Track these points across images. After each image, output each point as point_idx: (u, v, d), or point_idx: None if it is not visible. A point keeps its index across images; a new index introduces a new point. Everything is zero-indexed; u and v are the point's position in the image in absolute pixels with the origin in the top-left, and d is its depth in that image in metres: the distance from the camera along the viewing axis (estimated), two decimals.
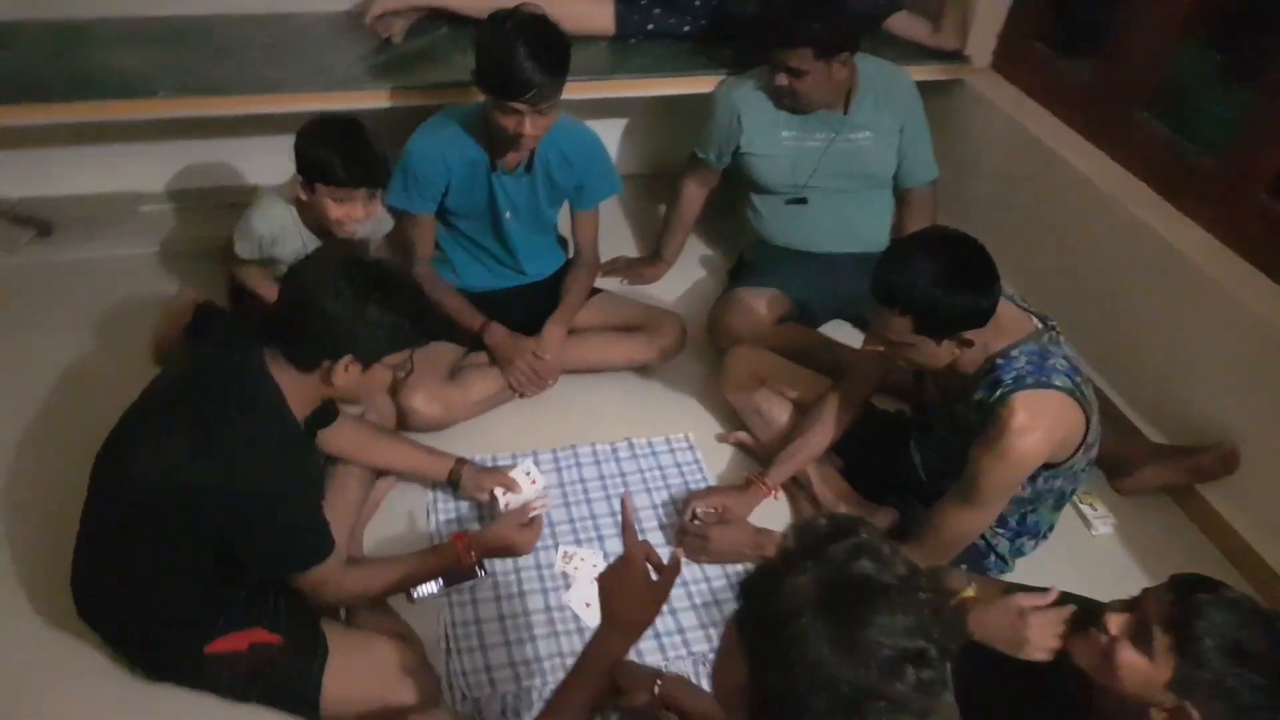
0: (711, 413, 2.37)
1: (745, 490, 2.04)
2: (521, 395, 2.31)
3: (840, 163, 2.47)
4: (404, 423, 2.15)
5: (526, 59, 1.90)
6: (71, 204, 2.77)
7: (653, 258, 2.82)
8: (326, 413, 1.81)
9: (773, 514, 2.07)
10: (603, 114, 3.12)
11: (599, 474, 2.18)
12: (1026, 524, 1.90)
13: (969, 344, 1.63)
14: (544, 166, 2.22)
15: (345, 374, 1.52)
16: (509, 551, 1.86)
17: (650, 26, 2.74)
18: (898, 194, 2.62)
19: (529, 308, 2.36)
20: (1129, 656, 1.17)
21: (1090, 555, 2.11)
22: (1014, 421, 1.59)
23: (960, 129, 2.93)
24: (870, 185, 2.56)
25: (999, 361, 1.66)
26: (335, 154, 1.98)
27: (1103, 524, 2.17)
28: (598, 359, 2.38)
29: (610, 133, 3.23)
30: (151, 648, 1.64)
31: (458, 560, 1.78)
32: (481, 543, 1.82)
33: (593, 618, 1.81)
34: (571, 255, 2.46)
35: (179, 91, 2.28)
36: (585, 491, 2.14)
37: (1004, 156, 2.79)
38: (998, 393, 1.63)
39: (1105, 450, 2.22)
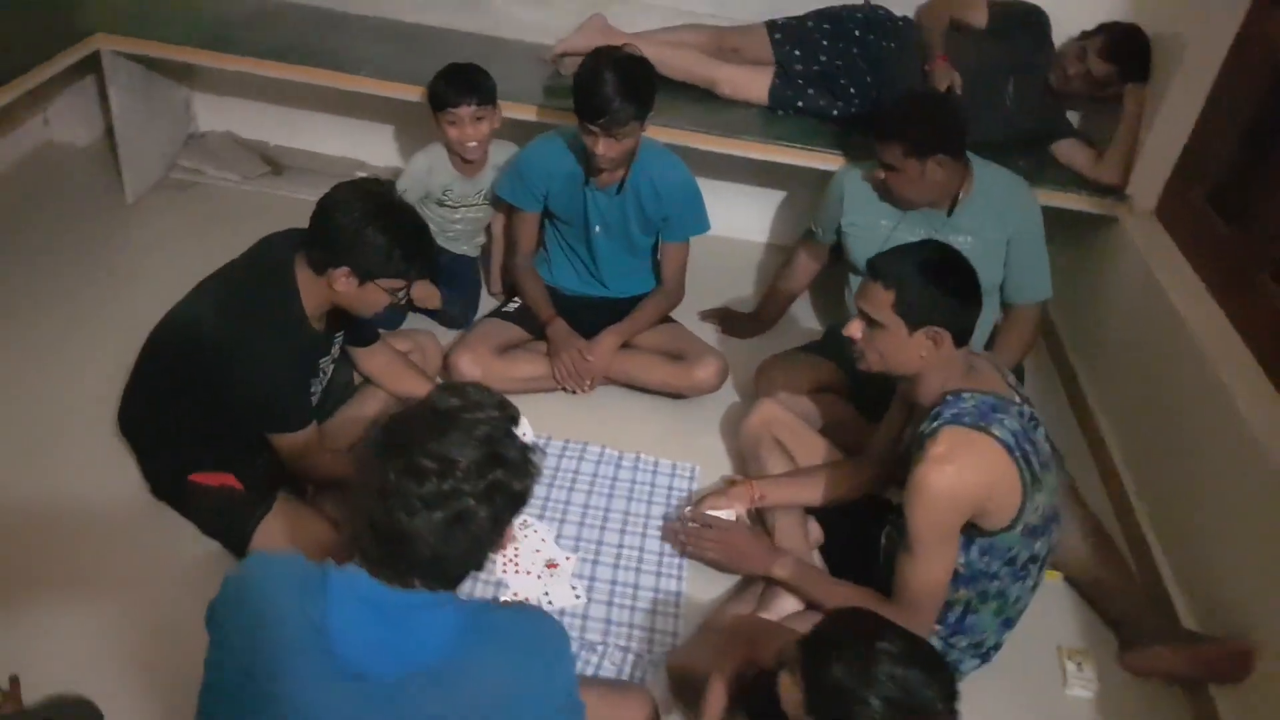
0: (731, 457, 2.43)
1: (728, 490, 2.11)
2: (563, 389, 2.51)
3: None
4: (447, 379, 2.42)
5: (608, 87, 2.15)
6: (304, 157, 3.39)
7: (751, 315, 2.93)
8: (362, 332, 2.13)
9: None
10: (764, 183, 3.32)
11: (594, 472, 2.32)
12: (964, 625, 1.79)
13: (935, 345, 1.65)
14: (634, 192, 2.44)
15: (344, 283, 1.81)
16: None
17: (800, 103, 2.90)
18: (1004, 306, 2.55)
19: (603, 320, 2.56)
20: (784, 679, 1.27)
21: (1053, 715, 1.93)
22: (933, 451, 1.58)
23: (1103, 266, 2.80)
24: None
25: (949, 397, 1.66)
26: (442, 79, 2.46)
27: (1081, 687, 1.96)
28: (637, 375, 2.53)
29: (767, 203, 3.40)
30: (157, 464, 2.00)
31: None
32: None
33: (511, 580, 1.97)
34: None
35: (379, 74, 2.76)
36: (573, 481, 2.28)
37: (1135, 306, 2.61)
38: (933, 425, 1.63)
39: (1123, 615, 2.07)
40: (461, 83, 2.47)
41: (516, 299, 2.64)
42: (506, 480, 1.12)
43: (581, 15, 2.90)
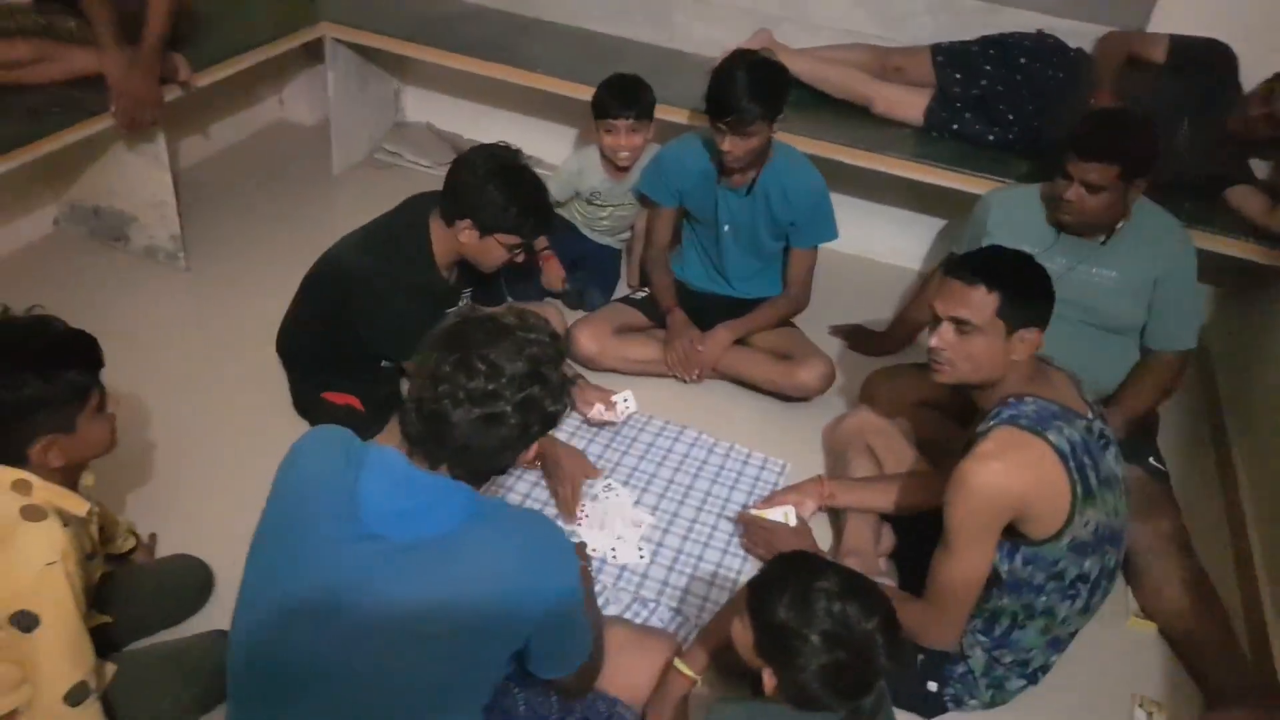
0: (827, 461, 2.46)
1: (801, 485, 2.16)
2: (674, 376, 2.63)
3: (1075, 292, 2.35)
4: (570, 349, 2.60)
5: (737, 86, 2.27)
6: None
7: (881, 335, 2.92)
8: (490, 292, 2.34)
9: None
10: (920, 208, 3.31)
11: (686, 453, 2.42)
12: (1010, 639, 1.74)
13: (1028, 345, 1.66)
14: (764, 193, 2.53)
15: (467, 235, 2.03)
16: (552, 460, 2.17)
17: (955, 126, 2.89)
18: (1144, 350, 2.42)
19: (726, 318, 2.65)
20: (735, 625, 1.35)
21: None
22: (981, 447, 1.59)
23: (1260, 324, 2.60)
24: (1104, 326, 2.39)
25: (1010, 399, 1.65)
26: (605, 89, 2.65)
27: None
28: (744, 371, 2.61)
29: (924, 230, 3.38)
30: (298, 382, 2.29)
31: None
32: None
33: (584, 532, 2.11)
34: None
35: (560, 73, 3.01)
36: (664, 457, 2.39)
37: None
38: (989, 424, 1.63)
39: (1215, 675, 1.95)
40: (622, 95, 2.65)
41: (646, 289, 2.79)
42: (541, 398, 1.26)
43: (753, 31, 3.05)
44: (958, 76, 2.90)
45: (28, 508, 1.31)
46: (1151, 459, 2.31)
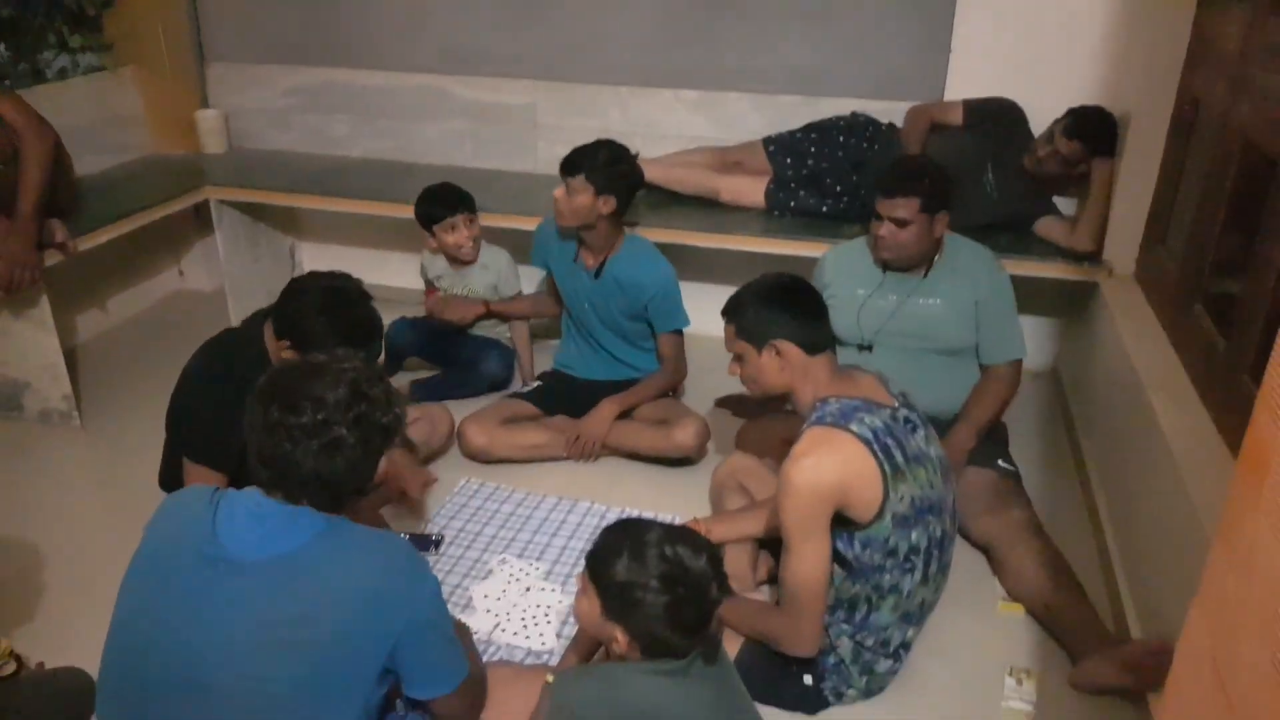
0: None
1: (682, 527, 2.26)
2: (567, 458, 2.78)
3: (908, 323, 2.61)
4: (460, 445, 2.75)
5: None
6: (389, 291, 3.92)
7: (759, 399, 3.11)
8: None
9: None
10: None
11: (578, 522, 2.54)
12: (869, 622, 1.86)
13: (781, 355, 1.84)
14: (613, 279, 2.77)
15: (287, 354, 2.05)
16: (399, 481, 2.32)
17: (793, 204, 3.20)
18: (981, 367, 2.65)
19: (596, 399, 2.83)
20: (580, 603, 1.47)
21: None
22: (795, 449, 1.74)
23: (1090, 328, 2.86)
24: (940, 349, 2.62)
25: (818, 404, 1.82)
26: (431, 201, 2.97)
27: (1019, 701, 1.96)
28: (628, 441, 2.77)
29: None
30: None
31: None
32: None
33: (480, 607, 2.19)
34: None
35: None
36: (556, 529, 2.51)
37: (1108, 364, 2.67)
38: (802, 430, 1.79)
39: (1076, 639, 2.08)
40: (448, 197, 3.00)
41: (537, 382, 2.98)
42: (371, 413, 1.41)
43: None
44: (788, 161, 3.24)
45: None
46: (1001, 461, 2.50)
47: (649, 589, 1.35)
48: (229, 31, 3.73)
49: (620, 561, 1.39)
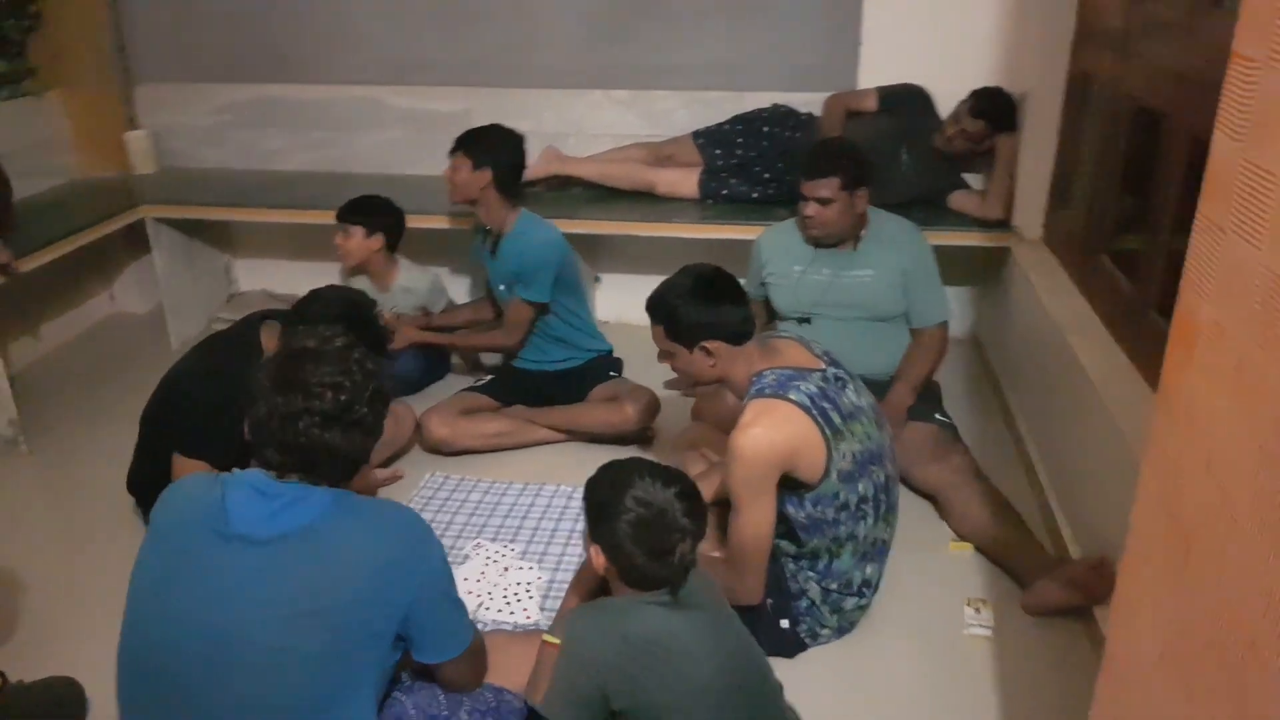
0: None
1: None
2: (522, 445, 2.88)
3: (843, 294, 2.78)
4: (423, 438, 2.81)
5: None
6: None
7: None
8: None
9: None
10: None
11: (546, 504, 2.63)
12: (832, 569, 2.00)
13: (711, 354, 1.95)
14: (504, 252, 2.90)
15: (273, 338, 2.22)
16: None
17: (725, 192, 3.37)
18: (912, 331, 2.84)
19: (554, 388, 2.97)
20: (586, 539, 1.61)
21: (947, 652, 2.08)
22: (741, 420, 1.86)
23: (1007, 290, 3.09)
24: (873, 317, 2.79)
25: (754, 378, 1.94)
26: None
27: (979, 627, 2.12)
28: (581, 420, 2.88)
29: None
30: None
31: None
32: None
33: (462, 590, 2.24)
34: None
35: None
36: (526, 511, 2.59)
37: (1026, 318, 2.90)
38: (744, 402, 1.91)
39: (1022, 567, 2.24)
40: (344, 209, 3.13)
41: (488, 375, 3.06)
42: (379, 385, 1.49)
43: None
44: (718, 152, 3.40)
45: None
46: (938, 415, 2.68)
47: (620, 506, 1.48)
48: (156, 51, 3.72)
49: (603, 486, 1.53)
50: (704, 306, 1.95)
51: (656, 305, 2.00)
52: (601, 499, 1.52)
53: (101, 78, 3.58)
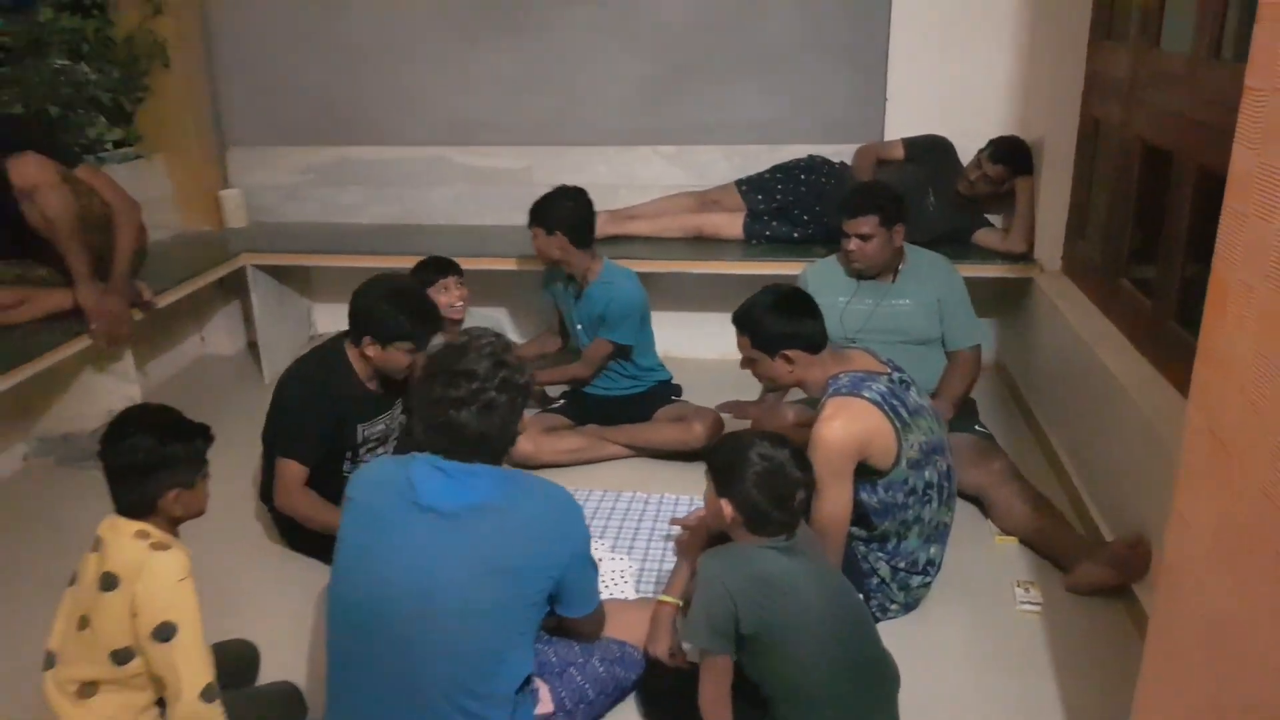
0: None
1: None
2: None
3: (884, 321, 3.08)
4: (510, 454, 3.07)
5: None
6: None
7: (757, 401, 3.54)
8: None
9: None
10: None
11: (626, 508, 2.91)
12: (900, 549, 2.27)
13: (791, 361, 2.23)
14: (588, 297, 3.22)
15: (371, 350, 2.45)
16: None
17: (767, 234, 3.70)
18: (948, 355, 3.13)
19: (624, 411, 3.26)
20: (707, 498, 1.88)
21: (1002, 625, 2.33)
22: (822, 414, 2.15)
23: (1032, 318, 3.40)
24: (914, 342, 3.08)
25: (830, 381, 2.23)
26: (420, 268, 3.29)
27: (1029, 604, 2.38)
28: (652, 438, 3.17)
29: None
30: (281, 516, 2.60)
31: None
32: None
33: None
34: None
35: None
36: (609, 514, 2.87)
37: (1054, 340, 3.20)
38: (823, 399, 2.20)
39: (1063, 553, 2.51)
40: (441, 263, 3.24)
41: (562, 399, 3.36)
42: (512, 376, 1.72)
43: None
44: (759, 198, 3.75)
45: (154, 543, 1.65)
46: (977, 426, 2.97)
47: (747, 463, 1.77)
48: (246, 119, 4.13)
49: (727, 450, 1.83)
50: (785, 319, 2.24)
51: (744, 318, 2.29)
52: (729, 459, 1.80)
53: (200, 142, 3.97)
